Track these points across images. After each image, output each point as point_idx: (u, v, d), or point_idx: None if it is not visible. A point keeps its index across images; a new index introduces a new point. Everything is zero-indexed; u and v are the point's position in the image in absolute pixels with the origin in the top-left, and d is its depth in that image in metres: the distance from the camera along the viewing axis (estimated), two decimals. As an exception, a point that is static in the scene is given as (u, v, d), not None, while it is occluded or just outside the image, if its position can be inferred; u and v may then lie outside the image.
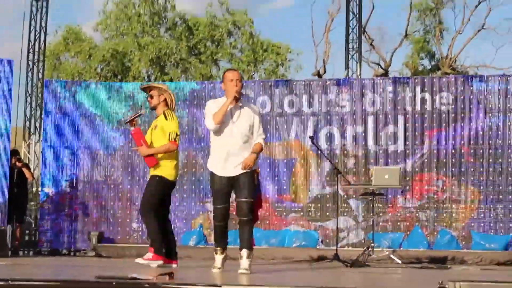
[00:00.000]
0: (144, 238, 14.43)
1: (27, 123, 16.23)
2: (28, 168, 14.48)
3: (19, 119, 16.62)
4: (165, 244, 8.63)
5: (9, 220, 13.83)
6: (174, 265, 8.57)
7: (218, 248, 7.73)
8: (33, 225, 15.41)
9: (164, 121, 8.69)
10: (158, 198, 8.58)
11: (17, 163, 13.84)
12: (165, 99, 8.88)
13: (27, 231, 15.20)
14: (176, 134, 8.62)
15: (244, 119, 7.51)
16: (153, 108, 8.94)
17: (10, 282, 5.35)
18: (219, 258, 7.68)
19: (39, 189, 15.21)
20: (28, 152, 15.98)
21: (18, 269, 8.16)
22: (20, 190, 14.11)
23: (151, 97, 8.88)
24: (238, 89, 7.47)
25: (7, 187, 13.61)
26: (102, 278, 5.57)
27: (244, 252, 7.39)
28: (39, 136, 15.81)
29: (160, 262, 8.41)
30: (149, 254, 8.48)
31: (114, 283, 5.27)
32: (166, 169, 8.56)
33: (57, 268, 8.54)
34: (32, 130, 16.14)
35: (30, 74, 16.45)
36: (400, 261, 11.14)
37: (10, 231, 13.98)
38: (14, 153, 14.16)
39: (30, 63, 16.49)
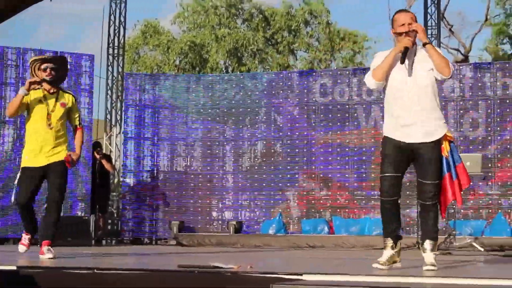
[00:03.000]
0: (224, 227, 14.55)
1: (108, 116, 16.47)
2: (109, 160, 14.73)
3: (100, 111, 16.94)
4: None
5: (92, 210, 14.15)
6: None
7: (387, 240, 6.11)
8: (115, 215, 15.66)
9: (74, 102, 7.98)
10: None
11: (96, 155, 14.12)
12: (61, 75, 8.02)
13: (109, 221, 15.45)
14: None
15: (421, 67, 5.99)
16: (52, 83, 7.84)
17: (96, 271, 5.47)
18: (386, 252, 6.04)
19: (121, 180, 15.47)
20: (110, 144, 16.21)
21: (102, 258, 8.31)
22: (102, 181, 14.39)
23: (55, 69, 7.83)
24: (407, 40, 5.95)
25: (90, 178, 13.91)
26: (184, 267, 5.64)
27: (427, 243, 6.01)
28: (120, 128, 16.04)
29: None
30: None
31: (196, 271, 5.33)
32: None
33: (140, 257, 8.68)
34: (113, 122, 16.37)
35: (110, 68, 16.65)
36: (482, 249, 10.97)
37: (93, 221, 14.27)
38: (96, 145, 14.44)
39: (110, 57, 16.69)
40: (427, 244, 6.00)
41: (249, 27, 32.11)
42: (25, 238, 7.95)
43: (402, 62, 5.93)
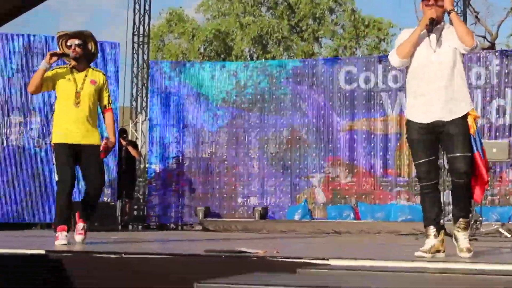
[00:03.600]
0: (250, 212, 14.59)
1: (134, 103, 16.56)
2: (135, 147, 14.83)
3: (126, 99, 17.00)
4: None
5: (119, 196, 14.27)
6: None
7: (429, 228, 5.78)
8: (141, 201, 15.77)
9: (105, 81, 7.57)
10: None
11: (122, 142, 14.20)
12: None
13: (135, 207, 15.57)
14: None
15: (447, 44, 5.79)
16: (78, 59, 7.41)
17: (123, 255, 5.52)
18: (429, 241, 5.71)
19: (147, 166, 15.55)
20: (135, 131, 16.31)
21: (129, 243, 8.37)
22: (128, 167, 14.50)
23: (81, 46, 7.40)
24: (433, 11, 5.77)
25: (116, 164, 14.00)
26: (211, 251, 5.68)
27: (461, 222, 5.77)
28: (146, 115, 16.12)
29: None
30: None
31: (223, 256, 5.37)
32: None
33: (166, 242, 8.73)
34: (138, 109, 16.46)
35: (135, 55, 16.73)
36: (509, 235, 10.91)
37: (120, 207, 14.39)
38: (122, 132, 14.52)
39: (136, 45, 16.77)
40: (461, 222, 5.74)
41: (273, 15, 32.07)
42: (63, 234, 7.10)
43: (430, 31, 5.76)
